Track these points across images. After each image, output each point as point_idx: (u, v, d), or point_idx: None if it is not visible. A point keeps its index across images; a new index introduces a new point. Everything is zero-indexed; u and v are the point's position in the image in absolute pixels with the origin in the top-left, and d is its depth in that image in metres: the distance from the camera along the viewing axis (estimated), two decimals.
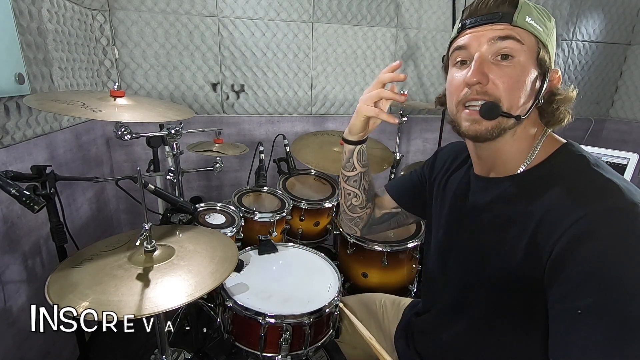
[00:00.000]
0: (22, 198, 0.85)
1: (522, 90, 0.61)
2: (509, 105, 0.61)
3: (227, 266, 0.90)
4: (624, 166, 1.39)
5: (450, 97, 0.68)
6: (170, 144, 1.36)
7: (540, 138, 0.67)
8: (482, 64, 0.61)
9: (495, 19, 0.61)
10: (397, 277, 1.52)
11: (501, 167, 0.69)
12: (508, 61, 0.61)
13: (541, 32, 0.61)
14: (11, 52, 1.13)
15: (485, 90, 0.62)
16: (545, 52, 0.62)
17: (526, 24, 0.60)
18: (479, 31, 0.63)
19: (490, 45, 0.61)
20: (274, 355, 1.04)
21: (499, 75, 0.61)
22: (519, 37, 0.60)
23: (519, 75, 0.61)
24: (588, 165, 0.60)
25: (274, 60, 2.10)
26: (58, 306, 0.72)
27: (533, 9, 0.61)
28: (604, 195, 0.55)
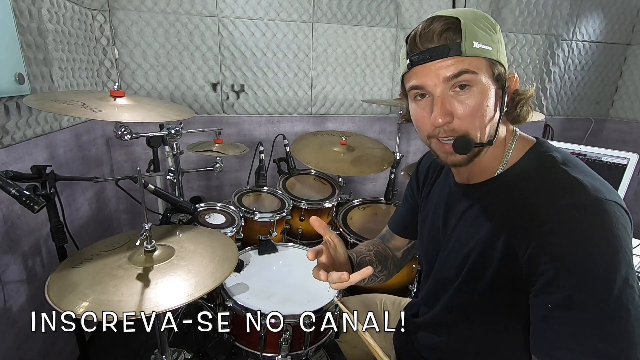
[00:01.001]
0: (22, 198, 0.85)
1: (487, 114, 0.63)
2: (478, 134, 0.63)
3: (227, 266, 0.90)
4: (624, 166, 1.39)
5: (418, 129, 0.70)
6: (170, 144, 1.36)
7: (511, 140, 0.69)
8: (444, 102, 0.62)
9: (443, 54, 0.60)
10: (397, 277, 1.52)
11: (479, 174, 0.71)
12: (466, 91, 0.61)
13: (491, 52, 0.61)
14: (11, 52, 1.13)
15: (452, 127, 0.63)
16: (499, 66, 0.63)
17: (475, 51, 0.60)
18: (430, 68, 0.62)
19: (446, 83, 0.61)
20: (274, 355, 1.04)
21: (462, 108, 0.62)
22: (472, 68, 0.60)
23: (481, 102, 0.61)
24: (555, 164, 0.62)
25: (274, 60, 2.10)
26: (57, 312, 0.72)
27: (477, 29, 0.60)
28: (569, 192, 0.56)
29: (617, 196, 0.57)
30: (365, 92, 2.33)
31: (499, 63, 0.62)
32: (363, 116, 2.38)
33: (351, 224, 1.64)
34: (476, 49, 0.60)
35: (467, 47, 0.59)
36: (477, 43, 0.60)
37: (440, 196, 0.82)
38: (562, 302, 0.53)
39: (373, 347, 0.82)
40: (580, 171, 0.60)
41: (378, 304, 1.14)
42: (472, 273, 0.68)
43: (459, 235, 0.73)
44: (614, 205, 0.54)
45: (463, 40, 0.59)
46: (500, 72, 0.63)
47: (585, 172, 0.60)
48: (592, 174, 0.61)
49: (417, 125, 0.70)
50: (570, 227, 0.54)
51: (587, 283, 0.52)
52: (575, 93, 2.74)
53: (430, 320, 0.84)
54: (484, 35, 0.61)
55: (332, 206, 1.81)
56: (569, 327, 0.52)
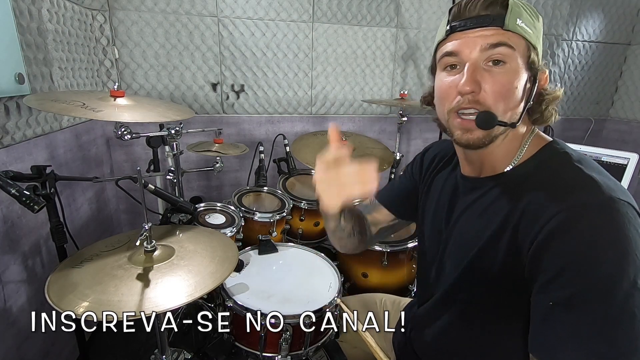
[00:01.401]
0: (22, 198, 0.85)
1: (515, 96, 0.61)
2: (502, 113, 0.61)
3: (227, 266, 0.90)
4: (624, 166, 1.39)
5: (440, 102, 0.68)
6: (170, 144, 1.36)
7: (528, 137, 0.67)
8: (475, 71, 0.60)
9: (485, 23, 0.59)
10: (397, 277, 1.53)
11: (489, 168, 0.69)
12: (500, 67, 0.60)
13: (531, 35, 0.61)
14: (11, 52, 1.13)
15: (477, 99, 0.61)
16: (535, 54, 0.62)
17: (517, 28, 0.59)
18: (469, 35, 0.61)
19: (482, 52, 0.60)
20: (274, 355, 1.04)
21: (492, 82, 0.60)
22: (510, 42, 0.59)
23: (511, 81, 0.60)
24: (570, 161, 0.61)
25: (274, 60, 2.10)
26: (57, 312, 0.72)
27: (523, 10, 0.60)
28: (583, 190, 0.55)
29: (630, 197, 0.55)
30: (365, 92, 2.34)
31: (535, 50, 0.62)
32: (363, 116, 2.38)
33: None
34: (519, 26, 0.59)
35: (510, 22, 0.59)
36: (520, 21, 0.59)
37: (444, 188, 0.80)
38: (564, 301, 0.51)
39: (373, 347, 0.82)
40: (595, 170, 0.59)
41: (378, 304, 1.14)
42: (474, 268, 0.66)
43: (462, 229, 0.71)
44: (627, 206, 0.52)
45: (508, 14, 0.59)
46: (534, 60, 0.61)
47: (600, 172, 0.59)
48: (606, 174, 0.59)
49: (440, 96, 0.67)
50: (580, 224, 0.52)
51: (592, 283, 0.50)
52: (575, 93, 2.74)
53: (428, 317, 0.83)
54: (528, 17, 0.60)
55: None
56: (571, 329, 0.50)
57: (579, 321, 0.50)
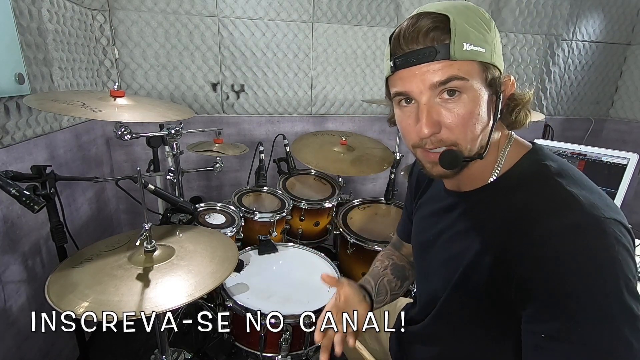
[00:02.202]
0: (22, 198, 0.85)
1: (478, 124, 0.58)
2: (468, 146, 0.58)
3: (227, 266, 0.90)
4: (624, 166, 1.39)
5: (403, 136, 0.65)
6: (170, 144, 1.36)
7: (505, 145, 0.64)
8: (430, 112, 0.56)
9: (430, 58, 0.54)
10: None
11: (469, 183, 0.67)
12: (456, 97, 0.56)
13: (484, 54, 0.55)
14: (11, 52, 1.13)
15: (439, 138, 0.58)
16: (493, 69, 0.57)
17: (466, 54, 0.53)
18: (415, 73, 0.56)
19: (433, 90, 0.56)
20: (274, 355, 1.04)
21: (450, 117, 0.56)
22: (461, 73, 0.54)
23: (471, 110, 0.56)
24: (549, 175, 0.57)
25: (274, 60, 2.10)
26: (57, 312, 0.72)
27: (469, 28, 0.54)
28: (563, 211, 0.51)
29: (615, 212, 0.52)
30: (365, 92, 2.33)
31: (492, 66, 0.57)
32: (363, 116, 2.38)
33: (351, 224, 1.64)
34: (467, 51, 0.54)
35: (456, 50, 0.53)
36: (467, 45, 0.54)
37: (432, 203, 0.79)
38: (556, 333, 0.49)
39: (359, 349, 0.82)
40: (577, 183, 0.55)
41: None
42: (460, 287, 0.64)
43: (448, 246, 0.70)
44: (613, 224, 0.50)
45: (452, 42, 0.53)
46: (494, 76, 0.57)
47: (582, 185, 0.55)
48: (589, 187, 0.56)
49: (402, 133, 0.65)
50: (566, 250, 0.49)
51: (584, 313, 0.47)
52: (575, 93, 2.74)
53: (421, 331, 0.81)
54: (477, 35, 0.54)
55: (332, 206, 1.81)
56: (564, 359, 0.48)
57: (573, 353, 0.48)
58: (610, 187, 1.38)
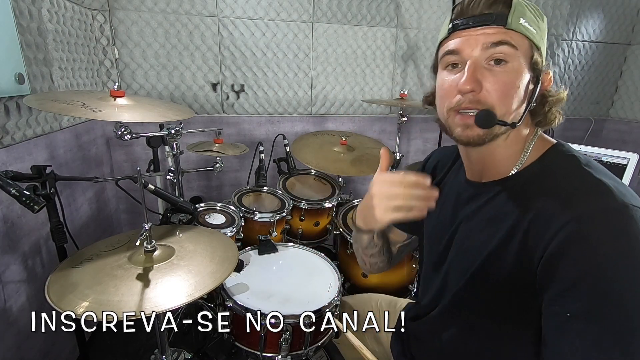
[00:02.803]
0: (22, 198, 0.85)
1: (516, 97, 0.60)
2: (503, 113, 0.60)
3: (227, 266, 0.90)
4: (624, 166, 1.39)
5: (440, 100, 0.67)
6: (170, 144, 1.36)
7: (531, 140, 0.66)
8: (476, 70, 0.59)
9: (488, 21, 0.59)
10: (397, 277, 1.53)
11: (492, 171, 0.68)
12: (501, 66, 0.59)
13: (534, 35, 0.60)
14: (11, 52, 1.13)
15: (478, 98, 0.60)
16: (538, 54, 0.61)
17: (520, 27, 0.58)
18: (470, 34, 0.60)
19: (484, 50, 0.59)
20: (274, 355, 1.04)
21: (493, 82, 0.59)
22: (513, 41, 0.58)
23: (513, 81, 0.59)
24: (579, 165, 0.59)
25: (274, 60, 2.10)
26: (57, 312, 0.72)
27: (527, 9, 0.59)
28: (595, 196, 0.53)
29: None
30: (365, 92, 2.33)
31: (539, 50, 0.61)
32: (363, 116, 2.38)
33: (351, 224, 1.64)
34: (522, 25, 0.58)
35: (513, 21, 0.58)
36: (524, 21, 0.58)
37: (448, 194, 0.78)
38: (582, 312, 0.49)
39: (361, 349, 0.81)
40: (604, 174, 0.57)
41: (374, 305, 1.13)
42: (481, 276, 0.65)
43: (467, 237, 0.70)
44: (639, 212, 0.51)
45: (511, 13, 0.58)
46: (537, 61, 0.60)
47: (609, 176, 0.57)
48: (615, 178, 0.57)
49: (440, 95, 0.66)
50: (594, 233, 0.50)
51: (609, 295, 0.48)
52: (575, 93, 2.74)
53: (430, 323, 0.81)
54: (532, 17, 0.60)
55: (332, 206, 1.81)
56: (588, 341, 0.49)
57: (598, 333, 0.48)
58: None
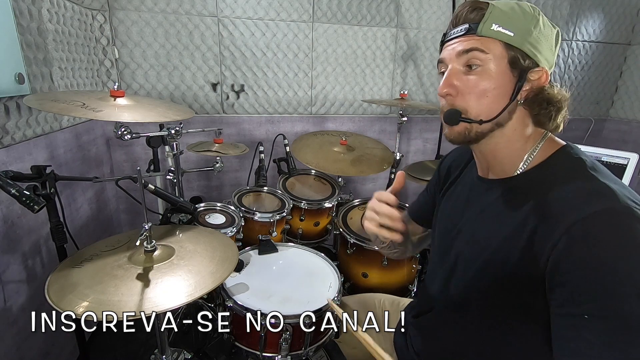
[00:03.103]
0: (22, 198, 0.85)
1: (488, 96, 0.64)
2: (476, 112, 0.65)
3: (227, 266, 0.90)
4: (624, 166, 1.39)
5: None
6: (170, 144, 1.36)
7: (539, 141, 0.68)
8: (451, 76, 0.66)
9: (462, 32, 0.65)
10: (397, 277, 1.53)
11: (498, 168, 0.71)
12: (475, 70, 0.64)
13: (510, 37, 0.62)
14: (11, 52, 1.13)
15: (453, 101, 0.67)
16: (519, 53, 0.63)
17: (491, 32, 0.62)
18: (450, 45, 0.68)
19: (458, 57, 0.66)
20: (274, 355, 1.04)
21: (465, 85, 0.65)
22: (483, 47, 0.63)
23: (484, 82, 0.64)
24: (584, 168, 0.61)
25: (274, 60, 2.10)
26: (57, 312, 0.72)
27: (504, 14, 0.62)
28: (599, 198, 0.55)
29: None
30: (365, 92, 2.34)
31: (520, 51, 0.63)
32: (363, 116, 2.38)
33: (351, 224, 1.64)
34: (493, 30, 0.62)
35: (484, 28, 0.62)
36: (497, 26, 0.62)
37: (462, 191, 0.82)
38: (595, 311, 0.51)
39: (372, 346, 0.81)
40: (609, 178, 0.59)
41: (377, 305, 1.13)
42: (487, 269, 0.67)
43: (477, 230, 0.72)
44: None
45: (483, 21, 0.62)
46: (517, 60, 0.63)
47: (614, 180, 0.59)
48: (620, 182, 0.60)
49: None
50: (602, 233, 0.52)
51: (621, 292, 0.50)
52: (575, 93, 2.74)
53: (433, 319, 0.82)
54: (511, 22, 0.62)
55: (332, 206, 1.81)
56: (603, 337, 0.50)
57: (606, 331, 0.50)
58: None
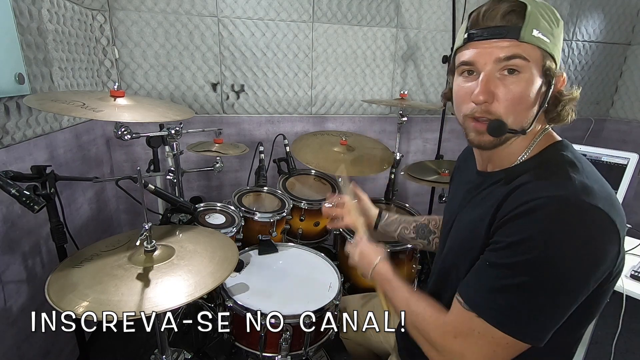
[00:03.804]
0: (22, 198, 0.85)
1: (526, 104, 0.63)
2: (514, 121, 0.64)
3: (227, 266, 0.90)
4: (624, 166, 1.39)
5: (457, 106, 0.71)
6: (170, 144, 1.36)
7: (538, 135, 0.69)
8: (488, 82, 0.62)
9: (501, 35, 0.61)
10: None
11: (497, 162, 0.73)
12: (514, 76, 0.62)
13: (547, 44, 0.61)
14: (11, 52, 1.13)
15: (489, 109, 0.64)
16: (551, 61, 0.63)
17: (533, 39, 0.60)
18: (485, 47, 0.63)
19: (496, 63, 0.62)
20: (274, 355, 1.04)
21: (504, 92, 0.62)
22: (525, 54, 0.60)
23: (524, 90, 0.62)
24: (560, 162, 0.63)
25: (274, 60, 2.10)
26: (57, 312, 0.72)
27: (541, 18, 0.61)
28: (556, 187, 0.58)
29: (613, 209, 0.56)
30: (365, 92, 2.33)
31: (552, 57, 0.63)
32: (363, 116, 2.38)
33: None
34: (535, 37, 0.60)
35: (526, 33, 0.60)
36: (537, 32, 0.60)
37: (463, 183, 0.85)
38: (501, 265, 0.58)
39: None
40: (583, 174, 0.60)
41: (379, 304, 1.13)
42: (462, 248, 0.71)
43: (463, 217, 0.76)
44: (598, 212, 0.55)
45: (525, 26, 0.60)
46: (550, 67, 0.62)
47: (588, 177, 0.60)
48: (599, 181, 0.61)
49: (457, 101, 0.71)
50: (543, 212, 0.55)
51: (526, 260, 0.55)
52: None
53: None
54: (546, 26, 0.61)
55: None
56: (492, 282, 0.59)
57: (495, 277, 0.59)
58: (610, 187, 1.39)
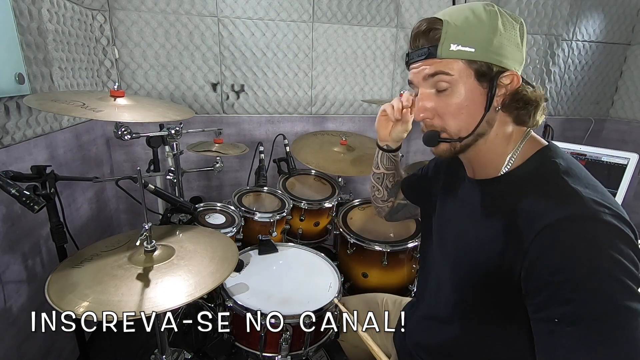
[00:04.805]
0: (22, 198, 0.85)
1: (467, 113, 0.65)
2: (455, 130, 0.67)
3: (227, 266, 0.90)
4: (624, 166, 1.39)
5: None
6: (170, 144, 1.36)
7: (521, 140, 0.68)
8: (424, 99, 0.68)
9: (423, 56, 0.66)
10: (397, 277, 1.52)
11: (482, 170, 0.72)
12: (447, 92, 0.65)
13: (473, 53, 0.62)
14: (11, 52, 1.13)
15: (431, 123, 0.69)
16: (484, 65, 0.62)
17: (452, 53, 0.62)
18: (414, 67, 0.69)
19: (425, 81, 0.67)
20: (274, 355, 1.04)
21: (439, 107, 0.67)
22: (446, 69, 0.63)
23: (458, 102, 0.65)
24: (557, 172, 0.61)
25: (274, 60, 2.10)
26: (57, 312, 0.72)
27: (460, 31, 0.62)
28: (565, 205, 0.56)
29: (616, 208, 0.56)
30: (365, 92, 2.33)
31: (485, 63, 0.62)
32: (363, 116, 2.38)
33: (351, 224, 1.64)
34: (453, 51, 0.62)
35: (443, 50, 0.63)
36: (455, 45, 0.62)
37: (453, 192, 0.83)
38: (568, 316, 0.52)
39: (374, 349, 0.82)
40: (582, 182, 0.59)
41: (380, 304, 1.14)
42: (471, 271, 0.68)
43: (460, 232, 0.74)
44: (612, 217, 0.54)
45: (441, 43, 0.63)
46: (483, 71, 0.63)
47: (587, 184, 0.59)
48: (593, 185, 0.60)
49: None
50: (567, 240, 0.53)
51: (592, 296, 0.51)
52: (575, 93, 2.74)
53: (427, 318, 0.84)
54: (470, 36, 0.62)
55: (332, 206, 1.81)
56: (578, 341, 0.51)
57: (586, 333, 0.51)
58: (610, 187, 1.38)
